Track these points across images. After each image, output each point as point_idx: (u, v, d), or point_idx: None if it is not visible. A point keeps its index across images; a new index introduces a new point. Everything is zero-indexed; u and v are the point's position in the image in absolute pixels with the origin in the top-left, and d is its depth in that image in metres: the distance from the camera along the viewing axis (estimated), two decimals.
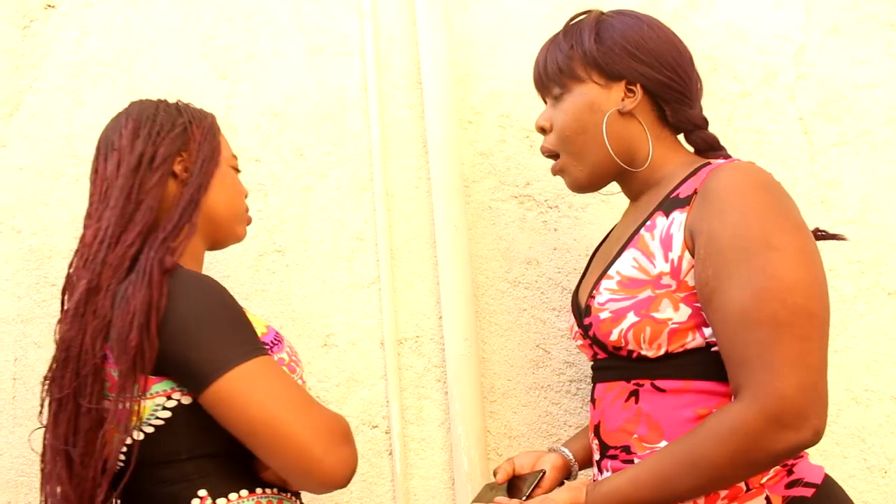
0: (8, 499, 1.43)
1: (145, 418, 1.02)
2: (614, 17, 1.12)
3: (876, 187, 1.59)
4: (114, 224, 1.08)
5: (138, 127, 1.16)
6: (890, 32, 1.64)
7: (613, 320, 1.01)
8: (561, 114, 1.12)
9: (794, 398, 0.85)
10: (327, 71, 1.60)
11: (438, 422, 1.49)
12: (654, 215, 1.03)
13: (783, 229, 0.91)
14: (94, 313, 1.02)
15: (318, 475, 0.98)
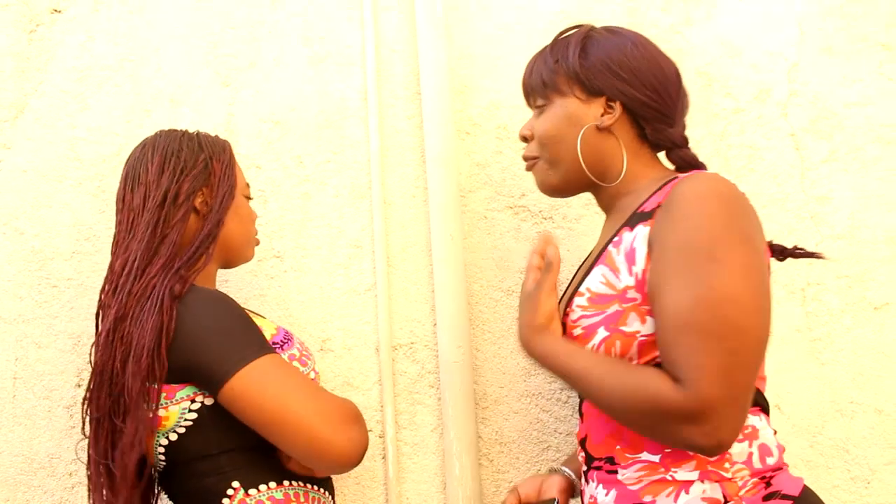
0: (7, 496, 1.46)
1: (175, 422, 1.13)
2: (601, 34, 1.15)
3: (865, 204, 1.62)
4: (140, 257, 1.18)
5: (163, 162, 1.25)
6: (881, 52, 1.68)
7: (585, 336, 1.03)
8: (541, 123, 1.16)
9: (713, 408, 0.87)
10: (328, 80, 1.62)
11: (431, 427, 1.52)
12: (622, 231, 1.05)
13: (730, 242, 0.93)
14: (122, 339, 1.13)
15: (330, 455, 1.09)
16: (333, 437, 1.09)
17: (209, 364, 1.10)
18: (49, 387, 1.49)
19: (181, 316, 1.12)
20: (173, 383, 1.12)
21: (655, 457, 0.99)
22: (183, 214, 1.22)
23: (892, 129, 1.65)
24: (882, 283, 1.61)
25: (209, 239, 1.22)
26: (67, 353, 1.50)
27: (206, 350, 1.10)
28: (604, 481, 1.04)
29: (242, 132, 1.60)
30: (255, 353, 1.10)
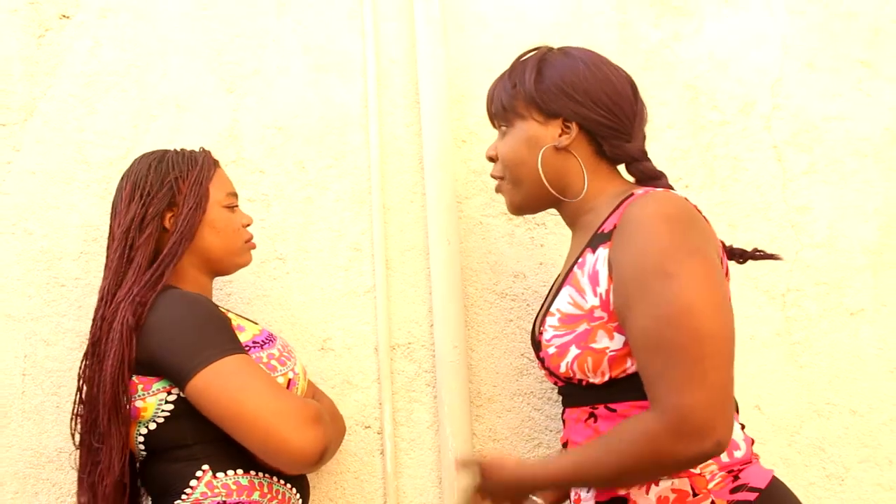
0: (16, 489, 1.50)
1: (153, 413, 1.22)
2: (556, 57, 1.20)
3: (842, 214, 1.70)
4: (111, 282, 1.28)
5: (133, 189, 1.33)
6: (860, 69, 1.75)
7: (559, 355, 1.09)
8: (504, 146, 1.22)
9: (693, 414, 0.93)
10: (330, 88, 1.68)
11: (427, 424, 1.58)
12: (585, 252, 1.11)
13: (679, 258, 0.98)
14: (98, 364, 1.23)
15: (287, 453, 1.16)
16: (290, 437, 1.15)
17: (176, 361, 1.18)
18: (57, 383, 1.54)
19: (153, 315, 1.21)
20: (149, 376, 1.21)
21: None
22: (147, 237, 1.29)
23: (870, 142, 1.73)
24: (858, 289, 1.69)
25: (171, 256, 1.28)
26: (75, 351, 1.55)
27: (174, 348, 1.18)
28: None
29: (246, 138, 1.65)
30: (221, 353, 1.17)
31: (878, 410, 1.67)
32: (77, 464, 1.25)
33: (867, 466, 1.66)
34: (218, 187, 1.36)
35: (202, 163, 1.36)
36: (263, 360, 1.25)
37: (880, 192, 1.72)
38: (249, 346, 1.26)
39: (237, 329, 1.27)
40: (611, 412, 1.08)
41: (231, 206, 1.37)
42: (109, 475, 1.19)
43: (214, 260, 1.35)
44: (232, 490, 1.20)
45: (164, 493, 1.22)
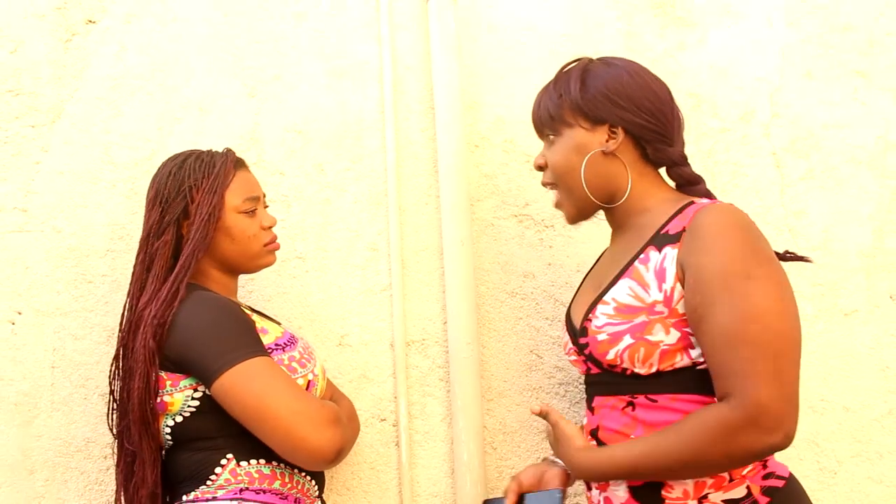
0: (46, 477, 1.56)
1: (180, 407, 1.28)
2: (599, 66, 1.26)
3: (838, 219, 1.77)
4: (134, 287, 1.35)
5: (155, 195, 1.38)
6: (857, 79, 1.83)
7: (610, 342, 1.15)
8: (553, 154, 1.27)
9: (771, 407, 1.00)
10: (347, 94, 1.74)
11: (441, 417, 1.65)
12: (647, 249, 1.16)
13: (759, 263, 1.06)
14: (126, 372, 1.31)
15: (305, 452, 1.22)
16: (308, 436, 1.21)
17: (203, 362, 1.24)
18: (85, 376, 1.60)
19: (182, 316, 1.27)
20: (177, 373, 1.28)
21: None
22: (163, 243, 1.34)
23: (865, 150, 1.80)
24: (852, 291, 1.77)
25: (185, 270, 1.32)
26: (102, 345, 1.61)
27: (201, 349, 1.24)
28: None
29: (267, 140, 1.71)
30: (245, 356, 1.23)
31: (870, 407, 1.74)
32: (117, 467, 1.35)
33: (859, 461, 1.73)
34: (236, 192, 1.37)
35: (219, 169, 1.37)
36: (285, 363, 1.31)
37: (874, 197, 1.79)
38: (272, 348, 1.31)
39: (261, 332, 1.32)
40: (651, 402, 1.14)
41: (249, 210, 1.38)
42: (144, 487, 1.27)
43: (233, 265, 1.40)
44: (254, 478, 1.27)
45: (189, 479, 1.29)
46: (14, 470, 1.56)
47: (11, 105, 1.68)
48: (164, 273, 1.32)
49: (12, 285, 1.61)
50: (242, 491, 1.26)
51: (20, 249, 1.63)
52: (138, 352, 1.25)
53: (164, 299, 1.28)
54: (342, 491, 1.61)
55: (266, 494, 1.27)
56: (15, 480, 1.56)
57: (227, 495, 1.25)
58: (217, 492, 1.26)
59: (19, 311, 1.61)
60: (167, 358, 1.27)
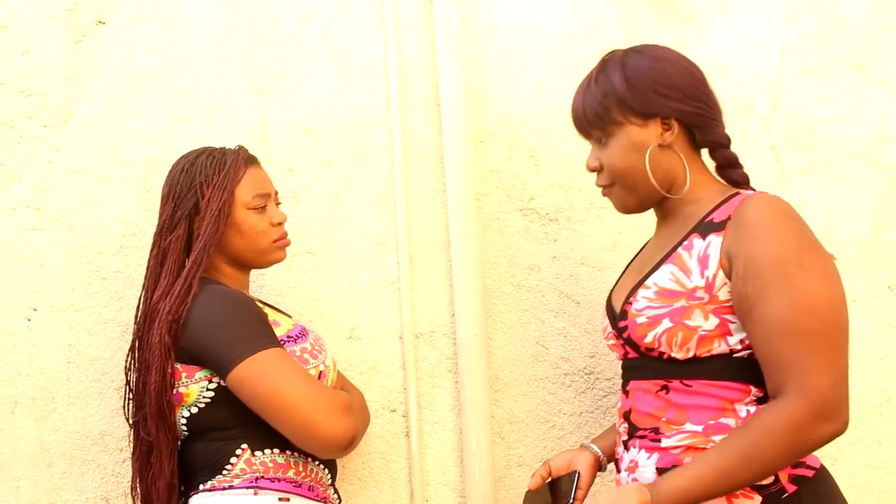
0: (64, 469, 1.59)
1: (195, 399, 1.31)
2: (637, 59, 1.23)
3: (836, 210, 1.81)
4: (149, 283, 1.38)
5: (168, 191, 1.41)
6: (854, 73, 1.86)
7: (649, 325, 1.16)
8: (608, 156, 1.24)
9: (831, 395, 1.02)
10: (354, 92, 1.77)
11: (449, 407, 1.68)
12: (691, 236, 1.17)
13: (812, 252, 1.08)
14: (142, 364, 1.34)
15: (319, 440, 1.25)
16: (322, 424, 1.24)
17: (218, 354, 1.27)
18: (100, 370, 1.63)
19: (196, 309, 1.30)
20: (192, 365, 1.31)
21: (699, 427, 1.13)
22: (175, 239, 1.37)
23: (863, 143, 1.84)
24: (851, 282, 1.80)
25: (197, 265, 1.34)
26: (116, 340, 1.64)
27: (216, 342, 1.27)
28: (646, 448, 1.18)
29: (275, 138, 1.74)
30: (259, 347, 1.26)
31: (869, 395, 1.78)
32: (133, 458, 1.38)
33: (858, 447, 1.77)
34: (246, 189, 1.40)
35: (229, 166, 1.40)
36: (297, 354, 1.34)
37: (872, 189, 1.83)
38: (284, 340, 1.34)
39: (273, 324, 1.35)
40: (686, 387, 1.15)
41: (259, 206, 1.40)
42: (161, 478, 1.30)
43: (244, 260, 1.43)
44: (269, 467, 1.30)
45: (204, 469, 1.32)
46: (33, 463, 1.59)
47: (24, 105, 1.71)
48: (176, 267, 1.35)
49: (27, 282, 1.64)
50: (258, 479, 1.29)
51: (35, 247, 1.66)
52: (154, 346, 1.28)
53: (177, 294, 1.31)
54: (353, 480, 1.64)
55: (281, 483, 1.30)
56: (34, 473, 1.59)
57: (244, 484, 1.29)
58: (233, 481, 1.29)
59: (35, 307, 1.64)
60: (182, 350, 1.30)
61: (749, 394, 1.13)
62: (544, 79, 1.81)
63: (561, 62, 1.81)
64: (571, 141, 1.79)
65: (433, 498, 1.66)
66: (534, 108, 1.80)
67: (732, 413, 1.13)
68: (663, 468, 1.15)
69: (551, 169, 1.78)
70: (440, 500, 1.66)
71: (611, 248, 1.76)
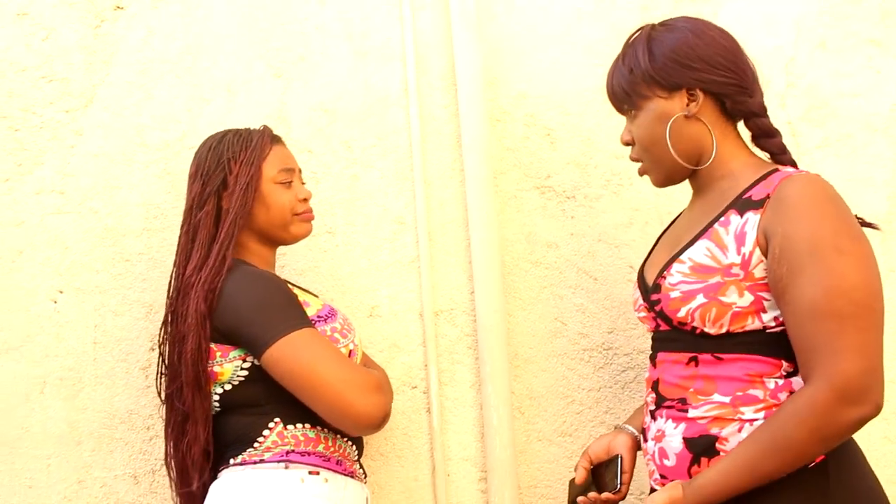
0: (92, 447, 1.63)
1: (230, 377, 1.34)
2: (662, 33, 1.24)
3: (854, 185, 1.81)
4: (180, 259, 1.41)
5: (196, 170, 1.44)
6: (870, 48, 1.86)
7: (683, 300, 1.16)
8: (637, 129, 1.26)
9: (858, 379, 1.02)
10: (372, 73, 1.78)
11: (469, 384, 1.70)
12: (728, 212, 1.17)
13: (850, 236, 1.08)
14: (175, 338, 1.36)
15: (352, 417, 1.28)
16: (355, 402, 1.27)
17: (252, 334, 1.29)
18: (126, 350, 1.66)
19: (230, 290, 1.32)
20: (227, 344, 1.33)
21: (726, 398, 1.14)
22: (205, 214, 1.39)
23: (880, 117, 1.84)
24: None
25: (229, 238, 1.37)
26: (141, 321, 1.67)
27: (250, 322, 1.30)
28: (673, 417, 1.19)
29: (294, 120, 1.75)
30: (293, 327, 1.29)
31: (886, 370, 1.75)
32: (164, 418, 1.41)
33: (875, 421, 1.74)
34: (272, 164, 1.43)
35: (256, 142, 1.43)
36: (328, 333, 1.36)
37: (889, 164, 1.83)
38: (315, 320, 1.36)
39: (303, 305, 1.38)
40: (716, 360, 1.16)
41: (285, 181, 1.44)
42: (196, 444, 1.33)
43: (270, 234, 1.45)
44: (300, 441, 1.33)
45: (237, 442, 1.35)
46: (62, 441, 1.62)
47: (45, 91, 1.73)
48: (207, 241, 1.37)
49: (53, 265, 1.67)
50: (288, 453, 1.32)
51: (59, 231, 1.68)
52: (190, 316, 1.30)
53: (212, 266, 1.34)
54: (376, 457, 1.67)
55: (310, 456, 1.33)
56: (63, 451, 1.62)
57: (274, 458, 1.31)
58: (264, 454, 1.32)
59: (61, 290, 1.67)
60: (217, 330, 1.32)
61: (780, 368, 1.14)
62: (560, 57, 1.82)
63: (576, 41, 1.82)
64: (587, 119, 1.80)
65: (455, 472, 1.68)
66: (550, 87, 1.80)
67: (761, 385, 1.14)
68: (690, 438, 1.17)
69: (567, 147, 1.79)
70: (462, 474, 1.69)
71: (627, 224, 1.77)
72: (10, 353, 1.63)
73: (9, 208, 1.68)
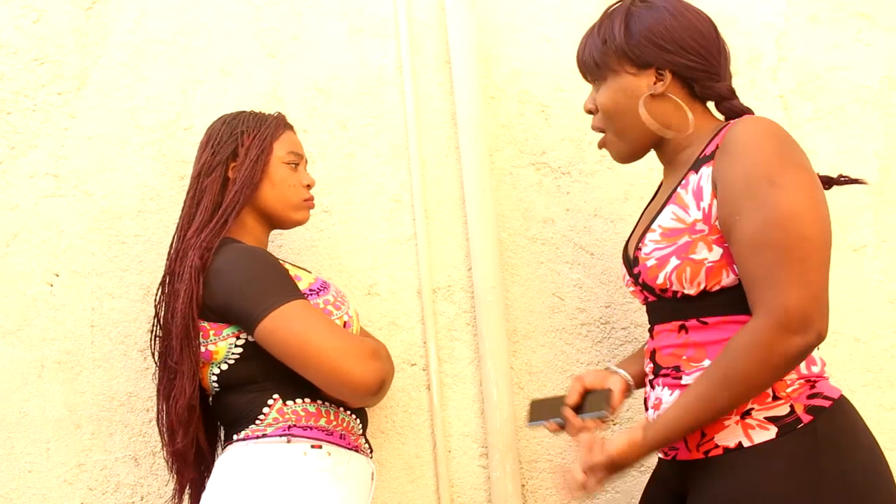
0: (92, 431, 1.62)
1: (224, 355, 1.34)
2: (641, 9, 1.25)
3: (845, 157, 1.83)
4: (183, 222, 1.42)
5: (208, 140, 1.46)
6: (860, 21, 1.87)
7: (658, 266, 1.18)
8: (602, 98, 1.29)
9: (797, 308, 1.03)
10: (366, 51, 1.78)
11: (468, 360, 1.71)
12: (688, 174, 1.20)
13: (784, 168, 1.09)
14: (170, 294, 1.37)
15: (350, 385, 1.29)
16: (352, 369, 1.27)
17: (245, 308, 1.30)
18: (124, 332, 1.65)
19: (220, 267, 1.33)
20: (219, 322, 1.33)
21: None
22: (212, 181, 1.41)
23: (870, 90, 1.85)
24: (860, 227, 1.83)
25: (233, 204, 1.40)
26: (138, 303, 1.66)
27: (242, 296, 1.30)
28: (669, 385, 1.21)
29: (289, 100, 1.75)
30: (284, 300, 1.29)
31: (880, 338, 1.81)
32: (156, 379, 1.42)
33: (870, 389, 1.80)
34: (283, 145, 1.46)
35: (270, 122, 1.47)
36: (321, 306, 1.36)
37: (880, 135, 1.84)
38: (307, 293, 1.37)
39: (295, 279, 1.38)
40: (702, 325, 1.17)
41: (293, 163, 1.46)
42: (182, 397, 1.33)
43: (272, 213, 1.46)
44: (301, 415, 1.33)
45: (238, 420, 1.35)
46: (62, 425, 1.61)
47: (37, 73, 1.72)
48: (212, 207, 1.39)
49: (49, 248, 1.66)
50: (290, 428, 1.32)
51: (54, 213, 1.67)
52: (185, 271, 1.32)
53: (213, 228, 1.36)
54: (377, 434, 1.67)
55: (313, 431, 1.33)
56: (63, 435, 1.61)
57: (276, 432, 1.31)
58: (266, 429, 1.32)
59: (57, 273, 1.66)
60: (208, 307, 1.32)
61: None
62: (553, 34, 1.82)
63: (570, 17, 1.82)
64: (581, 95, 1.79)
65: (456, 449, 1.69)
66: (543, 64, 1.81)
67: None
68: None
69: (562, 123, 1.80)
70: (463, 450, 1.69)
71: (623, 199, 1.78)
72: (6, 337, 1.62)
73: (3, 192, 1.67)
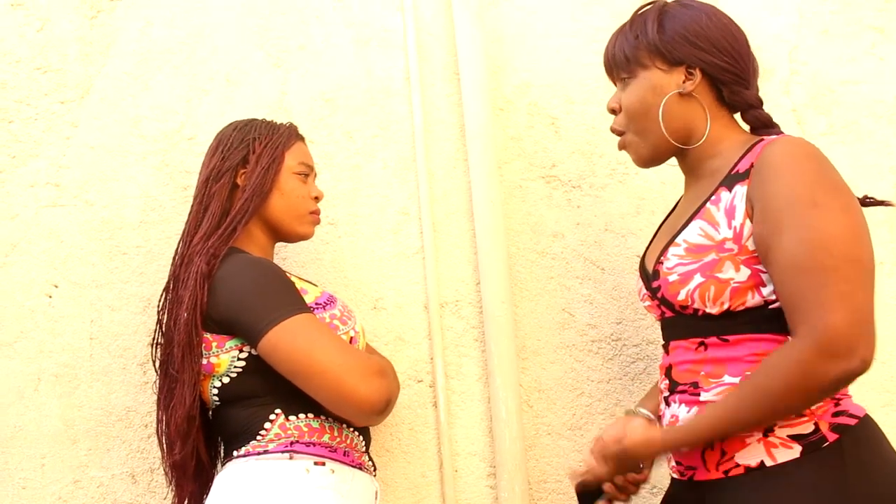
0: (89, 446, 1.58)
1: (226, 368, 1.30)
2: (676, 8, 1.23)
3: (860, 172, 1.80)
4: (190, 227, 1.39)
5: (217, 145, 1.44)
6: (874, 34, 1.85)
7: (681, 282, 1.15)
8: (628, 96, 1.25)
9: (842, 331, 0.98)
10: (373, 62, 1.76)
11: (476, 377, 1.66)
12: (719, 190, 1.16)
13: (826, 190, 1.06)
14: (175, 301, 1.33)
15: (354, 403, 1.24)
16: (357, 387, 1.23)
17: (249, 320, 1.26)
18: (123, 346, 1.61)
19: (225, 278, 1.29)
20: (222, 334, 1.29)
21: (736, 379, 1.12)
22: (220, 187, 1.38)
23: (885, 104, 1.82)
24: (876, 244, 1.73)
25: (243, 212, 1.36)
26: (139, 315, 1.62)
27: (246, 308, 1.26)
28: (686, 402, 1.17)
29: (295, 110, 1.72)
30: (290, 313, 1.25)
31: None
32: (157, 388, 1.37)
33: (889, 410, 1.75)
34: (294, 155, 1.44)
35: (283, 132, 1.45)
36: (327, 321, 1.32)
37: (895, 151, 1.81)
38: (313, 307, 1.33)
39: (301, 292, 1.34)
40: (723, 342, 1.14)
41: (303, 174, 1.44)
42: (181, 407, 1.29)
43: (278, 224, 1.42)
44: (304, 431, 1.29)
45: (238, 435, 1.31)
46: (58, 440, 1.57)
47: (40, 82, 1.69)
48: (220, 212, 1.36)
49: (48, 259, 1.62)
50: (293, 444, 1.27)
51: (54, 223, 1.64)
52: (190, 277, 1.28)
53: (220, 235, 1.33)
54: (382, 452, 1.63)
55: (316, 447, 1.28)
56: (59, 450, 1.57)
57: (279, 448, 1.27)
58: (268, 445, 1.27)
59: (56, 283, 1.62)
60: (212, 318, 1.28)
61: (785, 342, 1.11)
62: (563, 45, 1.80)
63: (579, 28, 1.80)
64: (592, 107, 1.78)
65: (463, 468, 1.64)
66: (553, 75, 1.78)
67: None
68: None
69: (572, 135, 1.77)
70: (470, 469, 1.64)
71: (634, 213, 1.75)
72: (3, 349, 1.58)
73: (3, 201, 1.64)
